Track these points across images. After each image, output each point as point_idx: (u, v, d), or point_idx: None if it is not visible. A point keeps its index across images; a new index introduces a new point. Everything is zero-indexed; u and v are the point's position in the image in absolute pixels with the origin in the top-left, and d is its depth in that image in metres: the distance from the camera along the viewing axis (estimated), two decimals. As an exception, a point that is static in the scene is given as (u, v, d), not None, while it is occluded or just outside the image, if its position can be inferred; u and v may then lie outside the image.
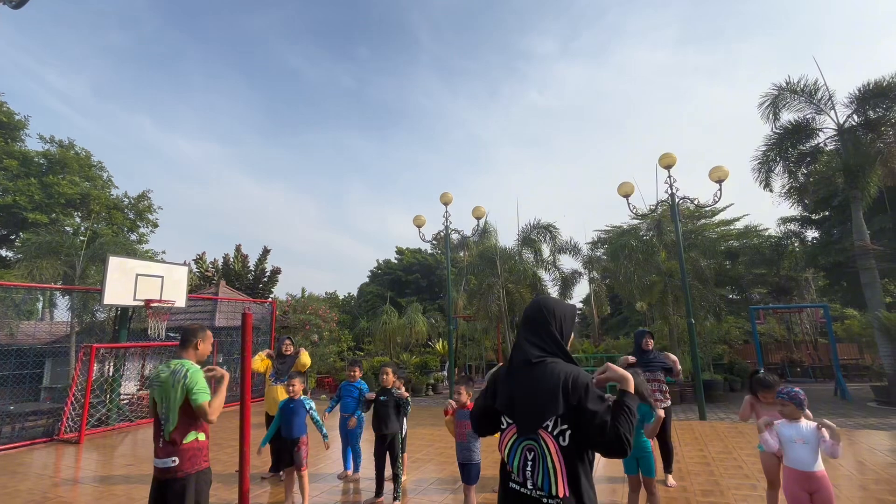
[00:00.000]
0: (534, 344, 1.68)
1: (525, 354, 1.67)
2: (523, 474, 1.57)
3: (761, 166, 12.70)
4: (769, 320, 17.94)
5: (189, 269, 11.49)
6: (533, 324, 1.73)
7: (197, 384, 2.69)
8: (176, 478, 2.61)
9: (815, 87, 11.62)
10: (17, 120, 19.51)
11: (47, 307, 19.96)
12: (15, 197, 17.72)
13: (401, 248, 35.01)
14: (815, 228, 16.70)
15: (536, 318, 1.73)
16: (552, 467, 1.51)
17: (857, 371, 15.03)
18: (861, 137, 11.38)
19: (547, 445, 1.53)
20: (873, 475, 4.97)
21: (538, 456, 1.54)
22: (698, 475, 5.12)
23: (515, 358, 1.71)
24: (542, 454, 1.54)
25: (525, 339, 1.71)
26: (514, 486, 1.60)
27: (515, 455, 1.60)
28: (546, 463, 1.52)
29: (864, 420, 8.16)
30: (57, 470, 6.23)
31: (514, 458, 1.61)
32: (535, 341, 1.69)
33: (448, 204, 12.06)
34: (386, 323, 17.55)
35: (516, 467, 1.59)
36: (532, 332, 1.72)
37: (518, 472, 1.59)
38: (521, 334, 1.76)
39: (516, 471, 1.59)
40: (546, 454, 1.53)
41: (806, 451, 2.84)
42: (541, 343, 1.68)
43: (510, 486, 1.62)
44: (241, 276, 23.04)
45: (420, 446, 6.88)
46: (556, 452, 1.52)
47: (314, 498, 4.68)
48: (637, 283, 13.03)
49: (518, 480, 1.59)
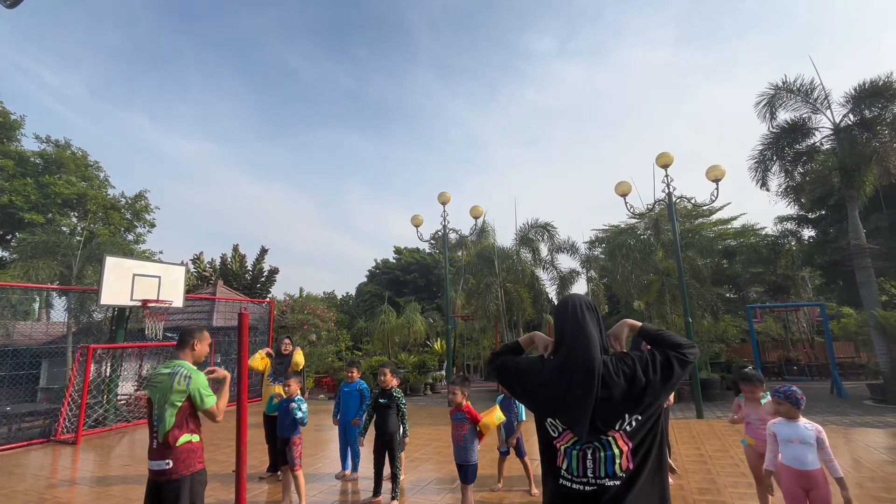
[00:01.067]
0: (595, 344, 1.51)
1: (588, 356, 1.48)
2: (583, 471, 1.43)
3: (758, 165, 12.75)
4: (766, 319, 18.01)
5: (186, 269, 11.46)
6: (589, 320, 1.56)
7: (201, 388, 2.72)
8: (171, 480, 2.61)
9: (812, 87, 11.67)
10: (12, 120, 19.43)
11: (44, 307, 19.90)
12: (11, 197, 17.65)
13: (399, 248, 34.99)
14: (811, 227, 16.79)
15: (591, 311, 1.59)
16: (618, 451, 1.41)
17: (854, 369, 15.11)
18: (857, 137, 11.43)
19: (614, 440, 1.42)
20: (869, 473, 5.00)
21: (599, 451, 1.42)
22: (695, 473, 5.14)
23: (573, 358, 1.50)
24: (606, 447, 1.42)
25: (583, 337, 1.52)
26: (566, 482, 1.45)
27: (573, 459, 1.45)
28: (612, 453, 1.41)
29: (860, 418, 8.21)
30: (54, 471, 6.20)
31: (572, 461, 1.45)
32: (594, 341, 1.52)
33: (446, 203, 12.07)
34: (384, 322, 17.56)
35: (574, 468, 1.44)
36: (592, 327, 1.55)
37: (576, 470, 1.44)
38: (579, 330, 1.54)
39: (575, 471, 1.44)
40: (612, 446, 1.41)
41: (803, 451, 2.84)
42: (598, 342, 1.53)
43: (561, 483, 1.47)
44: (238, 276, 23.00)
45: (418, 445, 6.88)
46: (623, 439, 1.42)
47: (312, 497, 4.68)
48: (634, 282, 13.07)
49: (571, 478, 1.45)
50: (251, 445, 7.10)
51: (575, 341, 1.53)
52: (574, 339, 1.53)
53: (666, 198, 9.60)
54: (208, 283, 20.31)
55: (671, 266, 12.42)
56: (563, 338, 1.58)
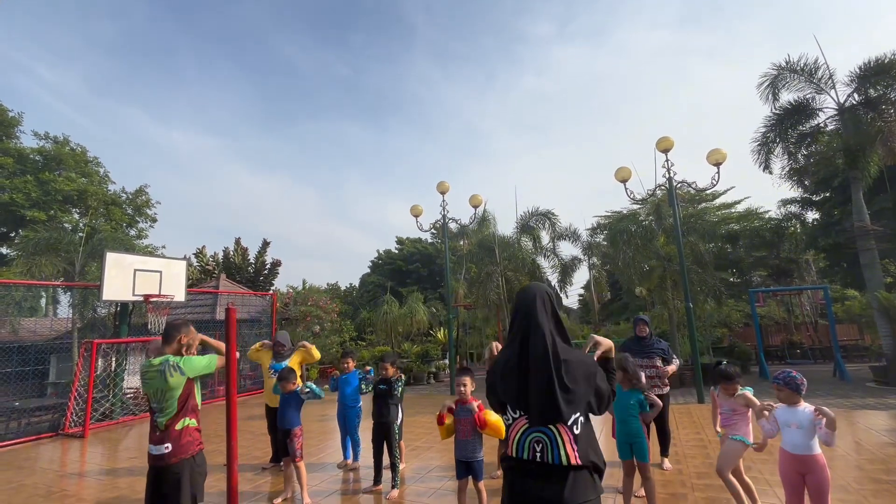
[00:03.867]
0: (547, 332, 1.60)
1: (540, 344, 1.58)
2: (532, 454, 1.54)
3: (761, 148, 12.58)
4: (769, 303, 17.95)
5: (188, 263, 11.50)
6: (540, 310, 1.64)
7: (194, 363, 2.78)
8: (170, 464, 2.67)
9: (816, 66, 11.44)
10: (10, 117, 19.38)
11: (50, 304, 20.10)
12: (12, 195, 17.70)
13: (401, 238, 34.97)
14: (815, 210, 16.62)
15: (544, 303, 1.66)
16: (564, 452, 1.50)
17: (857, 352, 15.07)
18: (861, 116, 11.23)
19: (560, 435, 1.51)
20: (869, 455, 5.00)
21: (546, 446, 1.52)
22: (694, 458, 5.16)
23: (530, 347, 1.60)
24: (552, 443, 1.51)
25: (535, 327, 1.61)
26: (518, 457, 1.58)
27: (524, 448, 1.56)
28: (557, 450, 1.51)
29: (862, 400, 8.21)
30: (61, 464, 6.31)
31: (524, 450, 1.56)
32: (547, 329, 1.61)
33: (445, 193, 12.01)
34: (387, 313, 17.62)
35: (525, 450, 1.56)
36: (543, 318, 1.63)
37: (526, 452, 1.56)
38: (528, 321, 1.64)
39: (525, 452, 1.56)
40: (558, 443, 1.51)
41: (800, 436, 2.83)
42: (554, 331, 1.61)
43: (514, 457, 1.59)
44: (241, 269, 23.09)
45: (420, 434, 6.94)
46: (570, 441, 1.51)
47: (315, 487, 4.74)
48: (636, 268, 13.01)
49: (521, 454, 1.57)
50: (255, 437, 7.20)
51: (521, 331, 1.64)
52: (520, 329, 1.65)
53: (666, 183, 9.50)
54: (211, 277, 20.41)
55: (673, 251, 12.34)
56: (512, 327, 1.70)
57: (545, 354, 1.56)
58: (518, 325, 1.67)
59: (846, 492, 3.98)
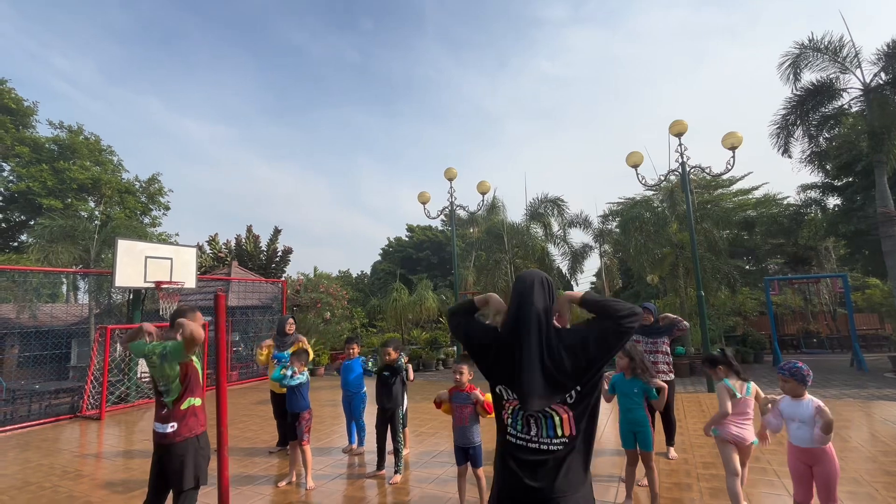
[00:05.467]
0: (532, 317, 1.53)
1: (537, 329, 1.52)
2: (527, 431, 1.50)
3: (780, 131, 12.14)
4: (785, 291, 17.54)
5: (199, 250, 11.64)
6: (538, 296, 1.58)
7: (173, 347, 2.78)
8: (174, 443, 2.72)
9: (841, 44, 10.92)
10: (25, 106, 19.67)
11: (71, 290, 20.64)
12: (28, 183, 18.06)
13: (411, 226, 34.97)
14: (836, 195, 16.04)
15: (543, 288, 1.60)
16: (559, 422, 1.47)
17: (876, 342, 14.69)
18: (888, 97, 10.72)
19: (555, 411, 1.47)
20: (883, 447, 4.87)
21: (541, 420, 1.48)
22: (701, 447, 5.09)
23: (522, 329, 1.54)
24: (547, 417, 1.47)
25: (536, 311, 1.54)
26: (512, 438, 1.53)
27: (518, 421, 1.52)
28: (552, 421, 1.47)
29: (879, 391, 8.00)
30: (78, 445, 6.50)
31: (517, 423, 1.52)
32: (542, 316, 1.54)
33: (452, 179, 11.89)
34: (396, 300, 17.70)
35: (520, 428, 1.51)
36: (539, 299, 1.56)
37: (521, 431, 1.51)
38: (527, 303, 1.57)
39: (520, 431, 1.51)
40: (553, 415, 1.47)
41: (804, 430, 2.76)
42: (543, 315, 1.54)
43: (507, 438, 1.55)
44: (253, 256, 23.35)
45: (425, 420, 6.98)
46: (565, 410, 1.47)
47: (320, 471, 4.80)
48: (648, 255, 12.79)
49: (517, 434, 1.52)
50: (265, 421, 7.31)
51: (519, 312, 1.57)
52: (518, 310, 1.58)
53: (679, 168, 9.24)
54: (224, 264, 20.69)
55: (686, 238, 12.09)
56: (510, 309, 1.63)
57: (539, 341, 1.51)
58: (513, 312, 1.60)
59: (857, 484, 3.87)
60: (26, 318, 12.65)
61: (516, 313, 1.58)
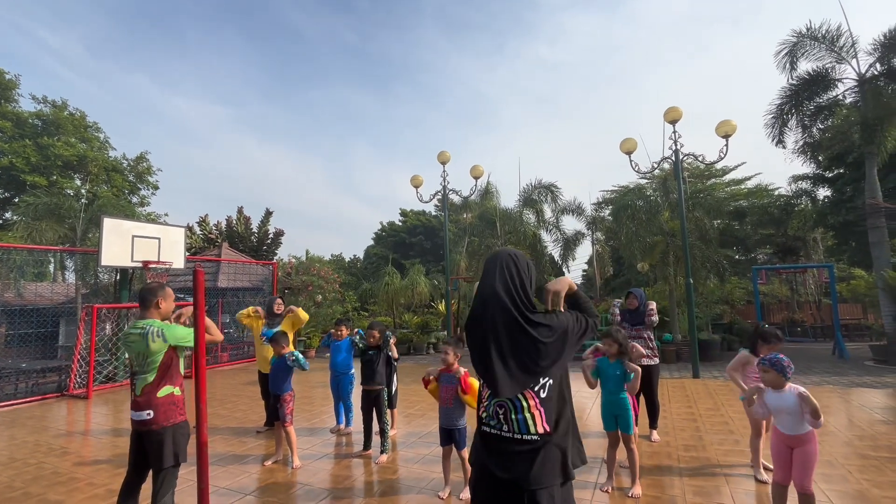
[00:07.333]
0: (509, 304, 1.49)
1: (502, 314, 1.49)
2: (498, 422, 1.52)
3: (775, 120, 12.13)
4: (773, 280, 17.79)
5: (188, 230, 11.48)
6: (499, 275, 1.54)
7: (179, 335, 2.74)
8: (152, 430, 2.67)
9: (838, 33, 10.85)
10: (7, 79, 19.07)
11: (59, 269, 20.36)
12: (11, 159, 17.62)
13: (405, 211, 34.79)
14: (827, 187, 16.17)
15: (510, 269, 1.55)
16: (529, 416, 1.47)
17: (859, 331, 15.03)
18: (882, 88, 10.72)
19: (525, 399, 1.48)
20: (859, 431, 5.00)
21: (509, 410, 1.49)
22: (683, 430, 5.19)
23: (489, 315, 1.50)
24: (516, 408, 1.48)
25: (496, 295, 1.50)
26: (487, 428, 1.56)
27: (491, 409, 1.56)
28: (522, 414, 1.47)
29: (859, 378, 8.19)
30: (65, 423, 6.48)
31: (490, 412, 1.56)
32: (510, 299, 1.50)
33: (446, 163, 11.77)
34: (388, 284, 17.69)
35: (492, 421, 1.55)
36: (504, 286, 1.52)
37: (493, 421, 1.54)
38: (490, 289, 1.53)
39: (493, 421, 1.54)
40: (522, 407, 1.48)
41: (788, 420, 2.80)
42: (517, 301, 1.49)
43: (483, 428, 1.58)
44: (244, 238, 23.15)
45: (415, 402, 7.04)
46: (536, 405, 1.47)
47: (307, 451, 4.82)
48: (639, 243, 12.84)
49: (492, 425, 1.54)
50: (253, 401, 7.33)
51: (481, 296, 1.56)
52: (481, 295, 1.56)
53: (673, 155, 9.21)
54: (214, 245, 20.49)
55: (677, 227, 12.14)
56: (476, 295, 1.63)
57: (497, 327, 1.48)
58: (478, 295, 1.58)
59: (831, 466, 3.98)
60: (11, 297, 12.47)
61: (479, 298, 1.56)
